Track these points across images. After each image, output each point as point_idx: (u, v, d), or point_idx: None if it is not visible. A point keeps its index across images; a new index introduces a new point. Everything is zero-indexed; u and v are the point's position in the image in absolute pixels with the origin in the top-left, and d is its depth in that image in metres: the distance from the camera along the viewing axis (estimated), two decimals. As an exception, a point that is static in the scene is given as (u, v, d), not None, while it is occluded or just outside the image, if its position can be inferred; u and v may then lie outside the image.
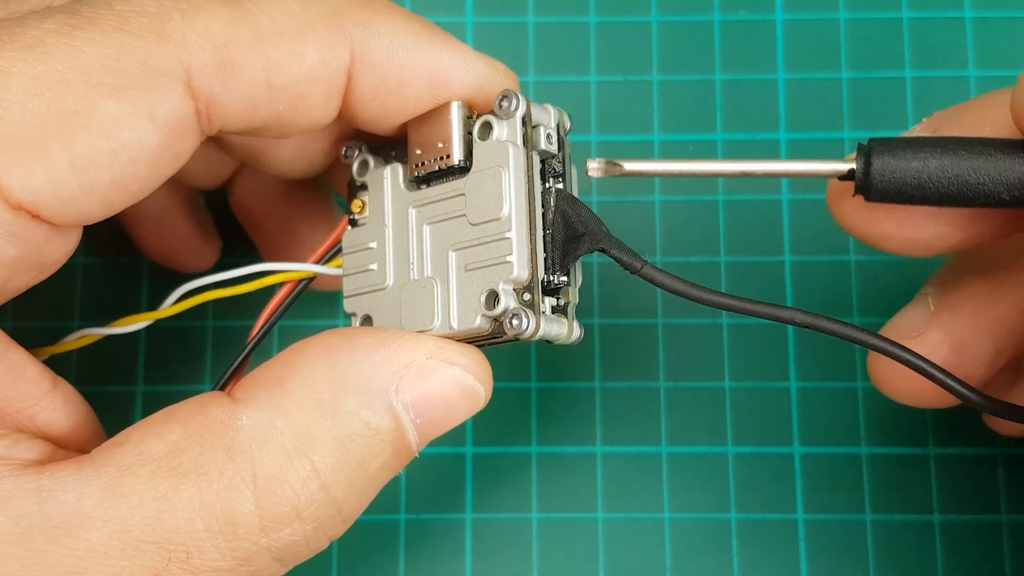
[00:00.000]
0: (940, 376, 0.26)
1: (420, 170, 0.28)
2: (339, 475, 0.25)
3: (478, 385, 0.26)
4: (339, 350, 0.26)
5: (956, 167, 0.24)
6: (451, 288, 0.27)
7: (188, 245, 0.35)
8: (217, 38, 0.25)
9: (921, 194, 0.25)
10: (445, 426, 0.26)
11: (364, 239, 0.29)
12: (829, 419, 0.36)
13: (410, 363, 0.26)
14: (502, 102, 0.27)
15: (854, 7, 0.39)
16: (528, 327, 0.26)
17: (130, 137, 0.24)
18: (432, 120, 0.28)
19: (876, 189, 0.25)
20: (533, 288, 0.26)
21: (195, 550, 0.24)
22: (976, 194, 0.24)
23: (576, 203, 0.27)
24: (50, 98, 0.23)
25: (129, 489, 0.24)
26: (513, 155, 0.26)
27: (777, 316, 0.26)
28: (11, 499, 0.23)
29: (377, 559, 0.36)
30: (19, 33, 0.24)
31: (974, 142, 0.24)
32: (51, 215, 0.24)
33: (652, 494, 0.36)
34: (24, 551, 0.23)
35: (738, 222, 0.38)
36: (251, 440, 0.24)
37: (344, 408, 0.25)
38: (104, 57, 0.24)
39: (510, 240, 0.26)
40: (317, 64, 0.26)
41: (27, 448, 0.25)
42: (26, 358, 0.26)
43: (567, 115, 0.28)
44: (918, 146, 0.25)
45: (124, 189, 0.25)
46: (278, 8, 0.26)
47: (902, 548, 0.35)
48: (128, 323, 0.29)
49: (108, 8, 0.24)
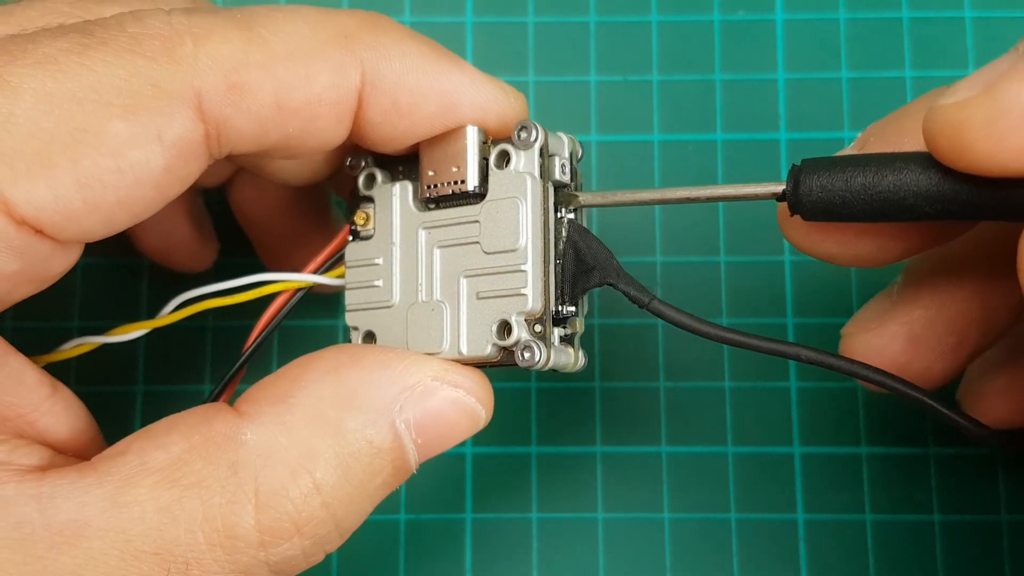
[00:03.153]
0: (945, 411, 0.27)
1: (432, 192, 0.28)
2: (340, 492, 0.25)
3: (479, 407, 0.27)
4: (346, 368, 0.26)
5: (878, 184, 0.24)
6: (461, 314, 0.27)
7: (186, 246, 0.35)
8: (228, 61, 0.25)
9: (849, 212, 0.25)
10: (444, 446, 0.27)
11: (370, 254, 0.29)
12: (829, 419, 0.36)
13: (415, 384, 0.26)
14: (520, 132, 0.27)
15: (854, 7, 0.39)
16: (539, 359, 0.26)
17: (137, 158, 0.24)
18: (447, 143, 0.28)
19: (807, 209, 0.25)
20: (545, 320, 0.27)
21: (195, 562, 0.24)
22: (899, 209, 0.24)
23: (587, 234, 0.27)
24: (59, 115, 0.23)
25: (131, 499, 0.24)
26: (531, 187, 0.27)
27: (783, 352, 0.27)
28: (11, 505, 0.23)
29: (377, 559, 0.36)
30: (31, 50, 0.24)
31: (894, 158, 0.25)
32: (54, 231, 0.24)
33: (652, 494, 0.36)
34: (24, 558, 0.23)
35: (738, 222, 0.38)
36: (254, 455, 0.25)
37: (348, 426, 0.25)
38: (115, 78, 0.24)
39: (525, 273, 0.26)
40: (328, 87, 0.26)
41: (27, 454, 0.25)
42: (25, 364, 0.26)
43: (579, 143, 0.28)
44: (843, 164, 0.25)
45: (129, 209, 0.25)
46: (289, 31, 0.26)
47: (902, 548, 0.35)
48: (126, 331, 0.29)
49: (120, 30, 0.25)
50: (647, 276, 0.37)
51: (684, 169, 0.38)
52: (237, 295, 0.29)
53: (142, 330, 0.29)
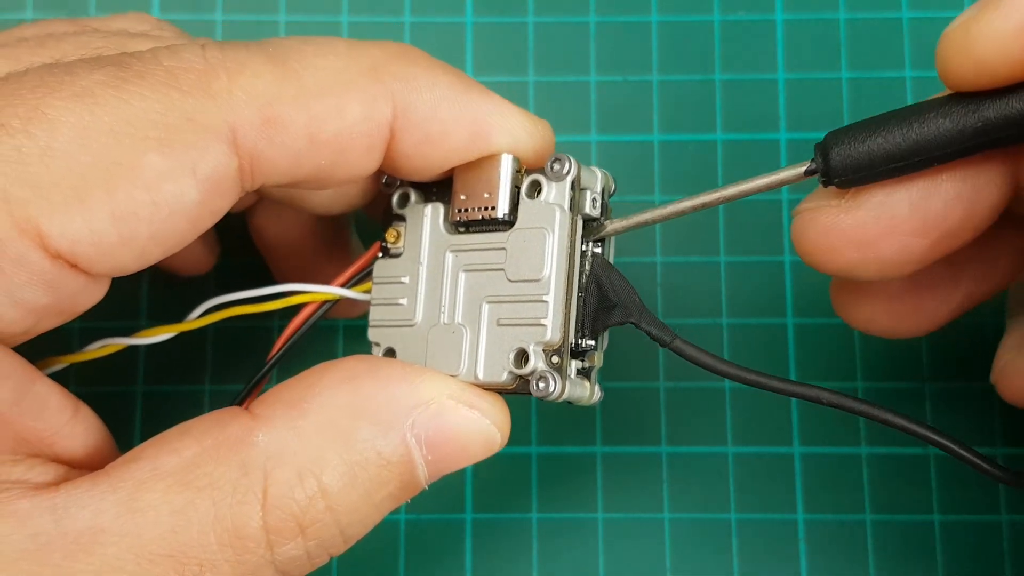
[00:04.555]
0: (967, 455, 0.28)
1: (462, 216, 0.28)
2: (345, 499, 0.25)
3: (494, 431, 0.27)
4: (362, 378, 0.26)
5: (906, 130, 0.25)
6: (480, 339, 0.27)
7: (188, 252, 0.35)
8: (262, 96, 0.25)
9: (884, 165, 0.26)
10: (457, 465, 0.27)
11: (397, 272, 0.29)
12: (829, 419, 0.36)
13: (430, 400, 0.26)
14: (554, 164, 0.27)
15: (854, 7, 0.39)
16: (554, 391, 0.26)
17: (172, 191, 0.24)
18: (481, 169, 0.28)
19: (840, 174, 0.26)
20: (563, 352, 0.27)
21: (208, 564, 0.24)
22: (933, 146, 0.25)
23: (612, 270, 0.28)
24: (96, 149, 0.23)
25: (145, 504, 0.24)
26: (559, 219, 0.27)
27: (805, 395, 0.27)
28: (28, 518, 0.23)
29: (377, 559, 0.36)
30: (68, 82, 0.24)
31: (913, 107, 0.26)
32: (88, 265, 0.24)
33: (652, 494, 0.36)
34: (41, 567, 0.23)
35: (738, 222, 0.38)
36: (265, 457, 0.25)
37: (359, 435, 0.25)
38: (151, 111, 0.24)
39: (547, 304, 0.26)
40: (359, 119, 0.26)
41: (43, 472, 0.25)
42: (51, 388, 0.27)
43: (612, 179, 0.28)
44: (865, 125, 0.26)
45: (162, 243, 0.25)
46: (320, 65, 0.26)
47: (902, 548, 0.35)
48: (153, 334, 0.30)
49: (156, 63, 0.25)
50: (647, 276, 0.37)
51: (684, 169, 0.38)
52: (265, 303, 0.29)
53: (169, 333, 0.30)
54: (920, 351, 0.37)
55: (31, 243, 0.23)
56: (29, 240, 0.23)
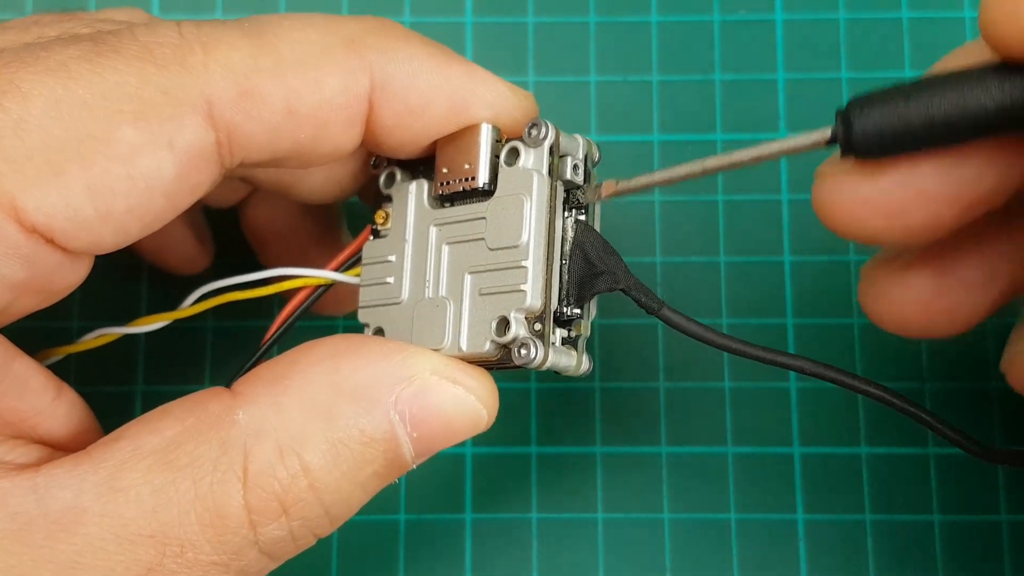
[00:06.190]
0: (941, 427, 0.28)
1: (445, 189, 0.28)
2: (328, 477, 0.25)
3: (480, 407, 0.26)
4: (344, 355, 0.26)
5: (937, 101, 0.23)
6: (464, 310, 0.27)
7: (183, 249, 0.35)
8: (239, 68, 0.25)
9: (910, 138, 0.24)
10: (444, 443, 0.26)
11: (384, 252, 0.29)
12: (829, 419, 0.36)
13: (412, 376, 0.26)
14: (531, 130, 0.27)
15: (854, 7, 0.39)
16: (536, 357, 0.26)
17: (148, 165, 0.24)
18: (461, 140, 0.28)
19: (861, 145, 0.24)
20: (545, 318, 0.26)
21: (189, 544, 0.24)
22: (963, 120, 0.23)
23: (597, 237, 0.27)
24: (69, 122, 0.23)
25: (126, 483, 0.24)
26: (537, 184, 0.27)
27: (788, 365, 0.27)
28: (8, 497, 0.23)
29: (377, 559, 0.36)
30: (43, 57, 0.24)
31: (948, 75, 0.24)
32: (65, 240, 0.24)
33: (652, 494, 0.36)
34: (22, 547, 0.23)
35: (738, 222, 0.38)
36: (245, 434, 0.25)
37: (340, 412, 0.25)
38: (126, 85, 0.24)
39: (526, 269, 0.26)
40: (338, 91, 0.26)
41: (24, 453, 0.25)
42: (31, 367, 0.26)
43: (596, 146, 0.28)
44: (894, 93, 0.24)
45: (140, 218, 0.25)
46: (297, 38, 0.26)
47: (902, 548, 0.35)
48: (147, 323, 0.30)
49: (132, 39, 0.25)
50: (647, 276, 0.37)
51: (684, 169, 0.38)
52: (258, 289, 0.29)
53: (163, 321, 0.30)
54: (920, 351, 0.37)
55: (5, 216, 0.23)
56: (3, 213, 0.23)
